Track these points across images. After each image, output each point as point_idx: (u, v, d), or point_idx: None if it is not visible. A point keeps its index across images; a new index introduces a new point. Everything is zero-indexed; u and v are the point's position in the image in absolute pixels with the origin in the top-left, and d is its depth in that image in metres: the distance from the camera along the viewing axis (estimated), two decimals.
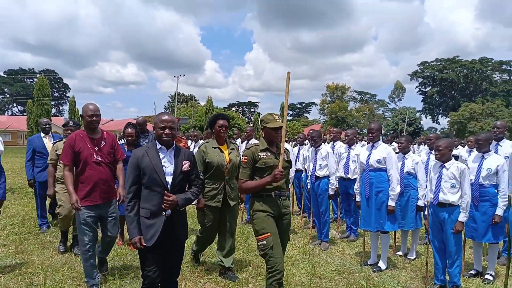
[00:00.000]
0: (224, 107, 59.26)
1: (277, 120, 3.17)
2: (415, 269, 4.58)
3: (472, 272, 4.39)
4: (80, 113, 3.72)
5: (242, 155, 3.20)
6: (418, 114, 63.75)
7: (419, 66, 64.71)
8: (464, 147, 9.85)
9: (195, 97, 67.80)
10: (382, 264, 4.55)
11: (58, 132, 12.64)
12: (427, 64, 63.66)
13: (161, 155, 2.79)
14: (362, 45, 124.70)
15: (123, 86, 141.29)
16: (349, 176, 5.80)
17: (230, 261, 4.10)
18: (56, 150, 4.75)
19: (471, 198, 4.13)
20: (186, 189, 2.93)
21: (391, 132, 57.86)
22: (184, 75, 77.20)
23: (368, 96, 70.41)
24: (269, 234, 2.99)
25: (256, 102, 69.91)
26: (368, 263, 4.66)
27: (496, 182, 4.16)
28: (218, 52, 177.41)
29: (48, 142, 5.86)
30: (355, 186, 4.91)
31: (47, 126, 6.02)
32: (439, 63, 62.65)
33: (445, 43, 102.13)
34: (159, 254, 2.80)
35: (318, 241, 5.48)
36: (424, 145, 10.59)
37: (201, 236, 4.18)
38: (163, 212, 2.74)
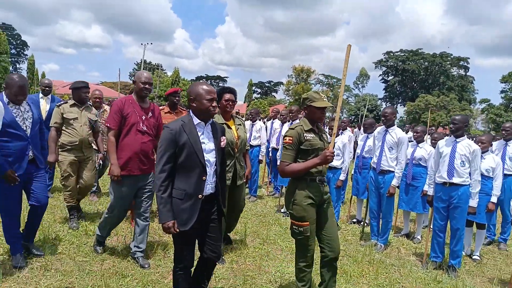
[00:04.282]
0: (191, 79, 59.38)
1: (324, 99, 3.00)
2: None
3: (354, 220, 5.98)
4: (133, 79, 3.60)
5: (286, 136, 2.97)
6: (379, 101, 66.94)
7: (384, 55, 67.46)
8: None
9: (161, 66, 67.11)
10: None
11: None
12: (392, 54, 66.42)
13: (199, 131, 2.56)
14: (334, 29, 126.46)
15: (85, 48, 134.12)
16: (279, 146, 7.24)
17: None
18: (62, 113, 4.30)
19: (357, 166, 5.71)
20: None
21: (352, 117, 60.74)
22: (151, 43, 75.84)
23: (335, 80, 72.63)
24: (308, 223, 2.90)
25: (225, 77, 70.44)
26: (281, 211, 6.15)
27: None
28: (189, 21, 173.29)
29: (44, 104, 5.36)
30: (277, 153, 6.35)
31: (47, 88, 5.52)
32: (402, 54, 65.56)
33: (412, 34, 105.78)
34: (196, 235, 2.63)
35: (248, 195, 6.94)
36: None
37: None
38: (199, 195, 2.52)
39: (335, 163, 5.32)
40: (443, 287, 3.85)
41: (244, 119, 9.22)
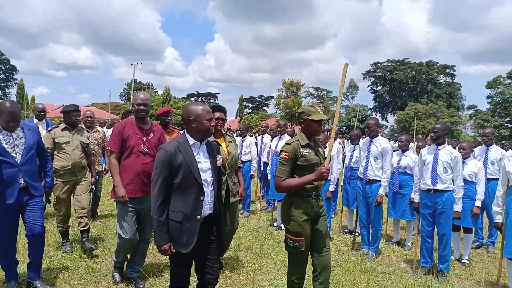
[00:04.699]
0: (182, 97, 59.75)
1: (320, 112, 3.02)
2: None
3: (346, 230, 6.08)
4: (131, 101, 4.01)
5: (282, 151, 2.97)
6: (369, 111, 67.67)
7: (371, 66, 68.60)
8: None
9: (152, 86, 67.36)
10: (283, 225, 6.13)
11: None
12: (379, 65, 67.53)
13: (195, 151, 2.54)
14: (323, 42, 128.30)
15: (75, 70, 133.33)
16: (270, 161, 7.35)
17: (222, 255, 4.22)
18: (54, 138, 4.37)
19: (346, 177, 5.83)
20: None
21: (344, 128, 61.28)
22: (141, 63, 76.31)
23: (325, 92, 73.45)
24: (303, 238, 2.94)
25: (216, 93, 70.96)
26: (274, 225, 6.23)
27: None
28: (179, 40, 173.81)
29: (41, 130, 4.97)
30: (268, 167, 6.46)
31: (42, 113, 5.65)
32: (390, 64, 66.68)
33: (399, 44, 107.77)
34: (193, 256, 2.59)
35: (241, 210, 7.00)
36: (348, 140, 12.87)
37: None
38: (198, 216, 2.49)
39: None
40: None
41: (235, 135, 9.38)
